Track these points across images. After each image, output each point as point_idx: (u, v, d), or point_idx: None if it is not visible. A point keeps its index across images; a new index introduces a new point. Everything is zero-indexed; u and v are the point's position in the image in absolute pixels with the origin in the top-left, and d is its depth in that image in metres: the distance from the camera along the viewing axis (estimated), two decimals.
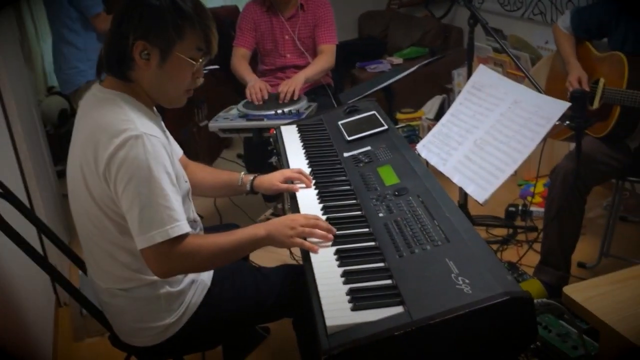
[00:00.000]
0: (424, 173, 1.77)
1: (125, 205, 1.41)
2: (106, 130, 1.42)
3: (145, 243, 1.40)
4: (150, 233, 1.39)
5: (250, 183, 1.93)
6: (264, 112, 2.79)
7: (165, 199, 1.41)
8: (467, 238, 1.42)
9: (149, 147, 1.40)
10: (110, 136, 1.40)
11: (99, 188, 1.45)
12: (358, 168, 1.92)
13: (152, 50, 1.45)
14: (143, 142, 1.39)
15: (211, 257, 1.50)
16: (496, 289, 1.21)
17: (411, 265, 1.37)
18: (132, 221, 1.41)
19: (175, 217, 1.42)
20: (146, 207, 1.39)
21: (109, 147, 1.39)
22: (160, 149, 1.43)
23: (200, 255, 1.47)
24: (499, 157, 1.78)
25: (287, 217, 1.61)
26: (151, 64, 1.46)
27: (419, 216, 1.55)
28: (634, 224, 3.04)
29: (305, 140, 2.25)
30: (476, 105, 1.99)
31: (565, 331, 2.18)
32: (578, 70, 2.40)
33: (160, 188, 1.40)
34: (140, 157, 1.38)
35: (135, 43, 1.44)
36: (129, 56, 1.46)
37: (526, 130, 1.76)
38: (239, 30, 3.24)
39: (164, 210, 1.40)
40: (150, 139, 1.41)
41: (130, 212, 1.41)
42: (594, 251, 2.76)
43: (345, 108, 2.41)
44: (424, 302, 1.23)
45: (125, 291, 1.56)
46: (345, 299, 1.31)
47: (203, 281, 1.66)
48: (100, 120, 1.44)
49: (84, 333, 2.57)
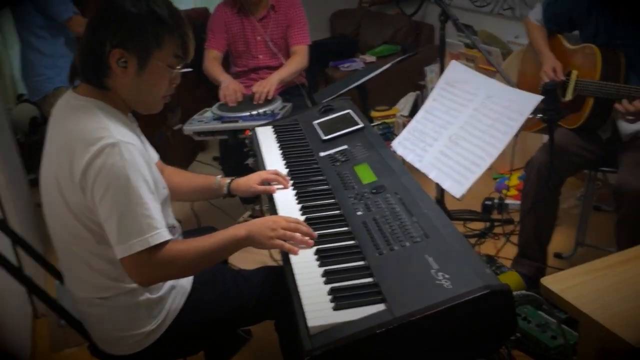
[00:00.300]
0: (401, 170, 1.78)
1: (103, 214, 1.39)
2: (82, 138, 1.39)
3: (125, 252, 1.38)
4: (130, 242, 1.38)
5: (227, 186, 1.92)
6: (239, 114, 2.78)
7: (144, 207, 1.39)
8: (446, 233, 1.42)
9: (126, 155, 1.38)
10: (86, 144, 1.38)
11: (75, 197, 1.43)
12: (335, 167, 1.92)
13: (129, 58, 1.43)
14: (120, 150, 1.37)
15: (193, 262, 1.49)
16: (476, 283, 1.22)
17: (391, 262, 1.37)
18: (111, 230, 1.39)
19: (154, 225, 1.40)
20: (125, 216, 1.37)
21: (85, 156, 1.37)
22: (137, 157, 1.41)
23: (181, 261, 1.46)
24: (474, 151, 1.79)
25: (268, 218, 1.60)
26: (129, 72, 1.45)
27: (397, 213, 1.56)
28: (607, 213, 3.09)
29: (281, 140, 2.24)
30: (450, 101, 2.00)
31: (544, 321, 2.21)
32: (552, 60, 2.42)
33: (139, 196, 1.38)
34: (117, 165, 1.36)
35: (112, 51, 1.42)
36: (106, 64, 1.44)
37: (500, 125, 1.78)
38: (210, 32, 3.22)
39: (143, 219, 1.39)
40: (127, 146, 1.39)
41: (109, 221, 1.39)
42: (570, 241, 2.80)
43: (320, 107, 2.41)
44: (405, 298, 1.23)
45: (104, 300, 1.54)
46: (326, 299, 1.30)
47: (183, 286, 1.65)
48: (75, 128, 1.42)
49: (63, 344, 2.53)
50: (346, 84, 2.89)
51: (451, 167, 1.83)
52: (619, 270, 1.34)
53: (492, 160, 1.73)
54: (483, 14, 4.03)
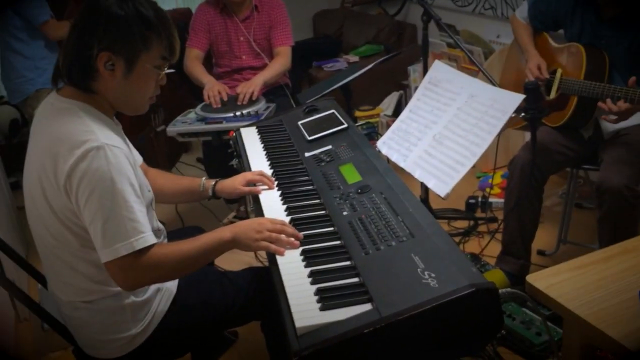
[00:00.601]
0: (386, 170, 1.78)
1: (88, 218, 1.38)
2: (66, 141, 1.38)
3: (110, 256, 1.37)
4: (115, 246, 1.37)
5: (212, 188, 1.91)
6: (223, 115, 2.77)
7: (129, 210, 1.38)
8: (431, 232, 1.43)
9: (111, 158, 1.37)
10: (70, 147, 1.37)
11: (59, 200, 1.41)
12: (320, 167, 1.92)
13: (117, 61, 1.42)
14: (105, 153, 1.36)
15: (178, 266, 1.47)
16: (462, 281, 1.23)
17: (377, 262, 1.37)
18: (95, 234, 1.38)
19: (139, 229, 1.39)
20: (110, 219, 1.36)
21: (70, 159, 1.36)
22: (122, 160, 1.40)
23: (166, 265, 1.44)
24: (458, 151, 1.80)
25: (253, 220, 1.60)
26: (116, 74, 1.44)
27: (382, 213, 1.56)
28: (589, 210, 3.13)
29: (265, 141, 2.24)
30: (434, 100, 2.01)
31: (529, 318, 2.23)
32: (537, 58, 2.44)
33: (124, 200, 1.37)
34: (102, 168, 1.35)
35: (100, 54, 1.40)
36: (92, 67, 1.42)
37: (483, 124, 1.79)
38: (192, 31, 3.20)
39: (128, 223, 1.37)
40: (112, 149, 1.38)
41: (93, 225, 1.37)
42: (552, 238, 2.83)
43: (305, 108, 2.41)
44: (391, 298, 1.24)
45: (89, 303, 1.53)
46: (313, 299, 1.30)
47: (168, 289, 1.64)
48: (59, 131, 1.40)
49: (47, 348, 2.50)
50: (330, 84, 2.89)
51: (435, 166, 1.83)
52: (602, 267, 1.36)
53: (476, 159, 1.75)
54: (465, 13, 4.05)
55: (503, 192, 3.26)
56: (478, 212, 3.16)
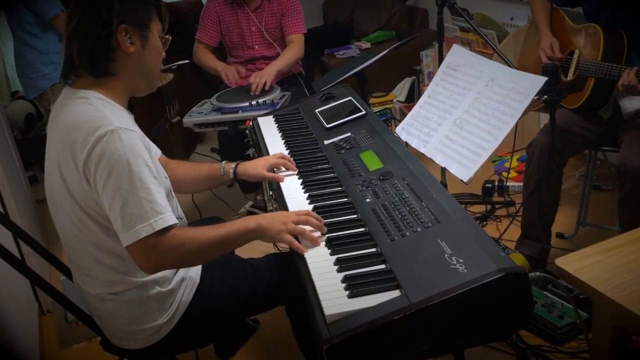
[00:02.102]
0: (407, 156, 1.77)
1: (107, 202, 1.37)
2: (81, 128, 1.38)
3: (130, 239, 1.37)
4: (135, 228, 1.36)
5: (234, 171, 1.91)
6: (238, 105, 2.76)
7: (147, 192, 1.37)
8: (457, 217, 1.42)
9: (126, 141, 1.37)
10: (85, 134, 1.37)
11: (80, 189, 1.41)
12: (340, 155, 1.91)
13: (133, 33, 1.45)
14: (119, 135, 1.36)
15: (199, 250, 1.46)
16: (490, 266, 1.21)
17: (403, 248, 1.36)
18: (115, 218, 1.37)
19: (158, 209, 1.38)
20: (128, 202, 1.36)
21: (86, 145, 1.36)
22: (137, 142, 1.40)
23: (187, 247, 1.43)
24: (479, 135, 1.78)
25: (279, 212, 1.59)
26: (135, 47, 1.46)
27: (406, 199, 1.55)
28: (607, 192, 3.10)
29: (283, 130, 2.23)
30: (453, 85, 1.99)
31: (551, 301, 2.22)
32: (549, 37, 2.40)
33: (141, 181, 1.37)
34: (118, 151, 1.35)
35: (119, 28, 1.42)
36: (112, 46, 1.44)
37: (505, 107, 1.77)
38: (202, 23, 3.19)
39: (146, 204, 1.37)
40: (126, 132, 1.38)
41: (113, 209, 1.37)
42: (571, 221, 2.80)
43: (321, 96, 2.39)
44: (420, 284, 1.23)
45: (115, 295, 1.53)
46: (340, 287, 1.30)
47: (192, 278, 1.64)
48: (74, 120, 1.41)
49: (71, 339, 2.52)
50: (345, 71, 2.87)
51: (457, 151, 1.82)
52: (632, 249, 1.34)
53: (498, 142, 1.73)
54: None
55: (520, 175, 3.25)
56: (495, 196, 3.14)
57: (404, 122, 2.09)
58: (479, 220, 2.97)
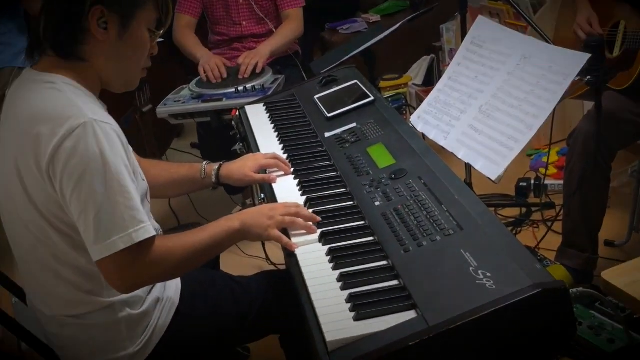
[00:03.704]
0: (424, 150, 1.78)
1: (77, 208, 1.37)
2: (47, 119, 1.38)
3: (105, 252, 1.36)
4: (111, 239, 1.36)
5: (216, 173, 1.91)
6: (223, 91, 2.77)
7: (126, 197, 1.38)
8: (483, 223, 1.42)
9: (101, 136, 1.37)
10: (52, 126, 1.36)
11: (42, 192, 1.41)
12: (344, 149, 1.91)
13: (110, 17, 1.44)
14: (93, 129, 1.36)
15: (183, 261, 1.48)
16: (524, 281, 1.22)
17: (420, 261, 1.37)
18: (87, 228, 1.37)
19: (139, 218, 1.39)
20: (103, 208, 1.35)
21: (53, 140, 1.36)
22: (114, 138, 1.40)
23: (170, 259, 1.45)
24: (511, 124, 1.79)
25: (264, 206, 1.63)
26: (109, 34, 1.45)
27: (423, 202, 1.55)
28: None
29: (276, 120, 2.24)
30: (478, 64, 2.00)
31: (598, 322, 2.21)
32: (587, 11, 2.41)
33: (119, 184, 1.37)
34: (91, 148, 1.35)
35: (92, 9, 1.42)
36: (83, 27, 1.43)
37: (540, 91, 1.78)
38: None
39: (125, 211, 1.37)
40: (102, 126, 1.38)
41: (84, 216, 1.37)
42: (622, 226, 2.81)
43: (321, 79, 2.40)
44: (440, 303, 1.23)
45: (77, 318, 1.53)
46: (345, 308, 1.30)
47: (170, 299, 1.65)
48: (39, 109, 1.41)
49: None
50: (349, 50, 2.88)
51: (484, 143, 1.83)
52: None
53: (533, 133, 1.73)
54: None
55: (560, 172, 3.24)
56: (531, 197, 3.14)
57: (420, 110, 2.09)
58: (512, 227, 2.97)
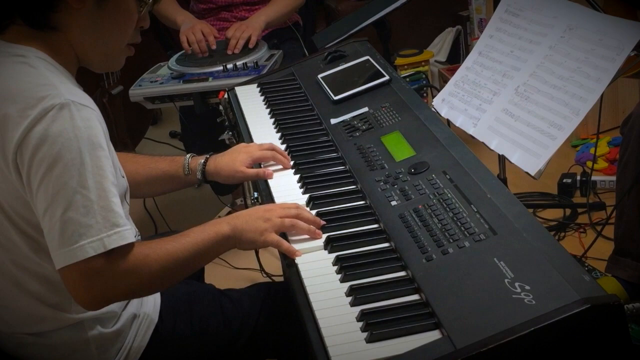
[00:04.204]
0: (449, 139, 1.78)
1: (43, 203, 1.36)
2: (16, 99, 1.38)
3: (69, 258, 1.35)
4: (79, 244, 1.35)
5: (202, 168, 1.91)
6: (209, 69, 2.78)
7: (102, 195, 1.37)
8: (521, 227, 1.42)
9: (80, 121, 1.37)
10: (22, 107, 1.37)
11: (6, 185, 1.41)
12: (354, 139, 1.92)
13: None
14: (71, 113, 1.36)
15: (161, 272, 1.46)
16: (570, 295, 1.22)
17: (445, 271, 1.37)
18: (51, 227, 1.36)
19: (114, 220, 1.38)
20: (73, 205, 1.35)
21: (22, 123, 1.36)
22: (95, 125, 1.41)
23: (146, 271, 1.43)
24: (553, 108, 1.79)
25: (257, 207, 1.63)
26: (87, 2, 1.45)
27: (448, 201, 1.55)
28: None
29: (272, 104, 2.24)
30: (514, 37, 2.00)
31: None
32: None
33: (96, 180, 1.37)
34: (67, 133, 1.35)
35: None
36: None
37: (589, 68, 1.77)
38: None
39: (99, 211, 1.37)
40: (81, 109, 1.38)
41: (50, 213, 1.36)
42: None
43: (326, 55, 2.41)
44: (469, 322, 1.23)
45: (40, 336, 1.54)
46: (356, 327, 1.30)
47: (148, 316, 1.65)
48: (5, 86, 1.41)
49: None
50: (358, 20, 2.88)
51: (521, 131, 1.83)
52: None
53: (579, 119, 1.73)
54: None
55: (612, 166, 3.24)
56: (577, 195, 3.15)
57: (444, 92, 2.10)
58: (554, 231, 2.98)
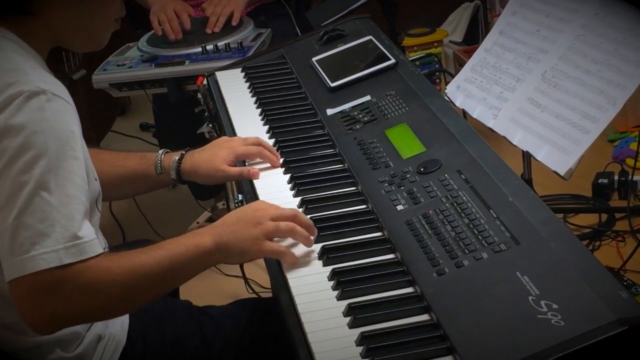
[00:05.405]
0: (465, 133, 1.78)
1: None
2: None
3: (19, 270, 1.35)
4: (30, 253, 1.34)
5: (176, 166, 1.92)
6: (185, 51, 2.80)
7: (64, 199, 1.38)
8: (548, 235, 1.42)
9: (50, 113, 1.38)
10: None
11: None
12: (354, 133, 1.92)
13: None
14: (40, 103, 1.38)
15: (127, 290, 1.45)
16: (605, 315, 1.22)
17: (459, 287, 1.37)
18: (3, 232, 1.37)
19: (74, 229, 1.38)
20: (30, 209, 1.35)
21: None
22: (69, 119, 1.43)
23: (108, 288, 1.42)
24: (585, 97, 1.80)
25: (245, 208, 1.62)
26: None
27: (463, 205, 1.56)
28: None
29: (259, 91, 2.25)
30: (540, 14, 2.01)
31: None
32: None
33: (58, 182, 1.38)
34: (34, 125, 1.36)
35: None
36: None
37: (627, 50, 1.78)
38: None
39: (59, 218, 1.37)
40: (53, 100, 1.40)
41: (3, 214, 1.36)
42: None
43: (322, 35, 2.41)
44: (486, 346, 1.24)
45: None
46: (355, 353, 1.31)
47: (114, 337, 1.66)
48: None
49: None
50: None
51: (548, 124, 1.84)
52: None
53: (617, 109, 1.73)
54: None
55: None
56: (614, 198, 3.16)
57: (460, 78, 2.11)
58: (588, 240, 2.98)
